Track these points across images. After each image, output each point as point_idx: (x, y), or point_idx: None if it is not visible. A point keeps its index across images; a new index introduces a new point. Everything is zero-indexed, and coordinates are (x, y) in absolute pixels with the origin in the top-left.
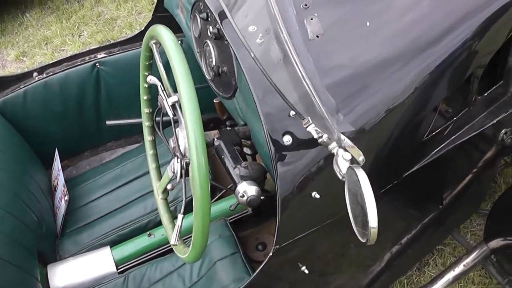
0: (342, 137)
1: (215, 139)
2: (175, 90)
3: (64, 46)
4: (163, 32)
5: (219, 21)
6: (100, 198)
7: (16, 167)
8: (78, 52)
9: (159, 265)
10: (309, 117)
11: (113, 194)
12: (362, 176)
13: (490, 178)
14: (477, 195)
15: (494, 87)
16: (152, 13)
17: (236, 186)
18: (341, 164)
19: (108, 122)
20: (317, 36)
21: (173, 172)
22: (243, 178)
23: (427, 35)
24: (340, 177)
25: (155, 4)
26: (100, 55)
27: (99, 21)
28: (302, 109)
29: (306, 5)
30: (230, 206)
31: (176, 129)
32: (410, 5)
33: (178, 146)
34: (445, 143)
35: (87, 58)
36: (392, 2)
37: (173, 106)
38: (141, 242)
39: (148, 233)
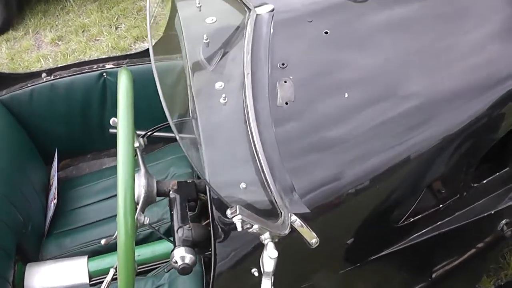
0: (294, 217)
1: (171, 191)
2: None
3: (100, 37)
4: (121, 79)
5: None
6: (90, 205)
7: (13, 163)
8: (87, 60)
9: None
10: (237, 207)
11: (103, 204)
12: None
13: (493, 257)
14: (476, 271)
15: (496, 174)
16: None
17: (174, 248)
18: (266, 260)
19: (111, 131)
20: (286, 103)
21: None
22: (184, 242)
23: (415, 115)
24: (262, 271)
25: None
26: (108, 65)
27: (139, 16)
28: (256, 184)
29: (283, 64)
30: None
31: (136, 174)
32: (398, 85)
33: None
34: (425, 230)
35: (95, 66)
36: (378, 78)
37: None
38: None
39: None
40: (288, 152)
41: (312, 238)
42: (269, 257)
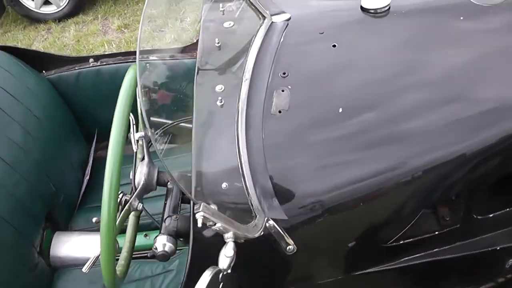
0: (271, 222)
1: (170, 182)
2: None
3: (164, 28)
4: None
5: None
6: (120, 186)
7: (53, 136)
8: (133, 51)
9: (142, 266)
10: (202, 204)
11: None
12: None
13: None
14: None
15: (507, 209)
16: None
17: (158, 235)
18: (222, 258)
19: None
20: (279, 112)
21: None
22: (168, 231)
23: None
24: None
25: None
26: (152, 57)
27: None
28: (237, 186)
29: (284, 73)
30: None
31: (140, 162)
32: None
33: (134, 178)
34: (419, 255)
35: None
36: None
37: (137, 141)
38: (137, 239)
39: (144, 233)
40: (274, 159)
41: (288, 245)
42: (225, 255)
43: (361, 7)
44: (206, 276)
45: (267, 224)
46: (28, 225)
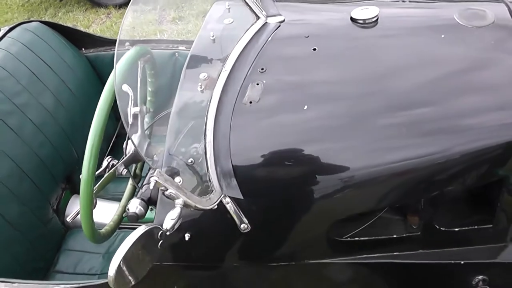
0: (228, 199)
1: (156, 155)
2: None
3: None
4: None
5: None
6: None
7: (83, 108)
8: (165, 39)
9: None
10: (157, 170)
11: None
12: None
13: None
14: None
15: (475, 227)
16: None
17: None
18: (166, 219)
19: None
20: (250, 102)
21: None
22: (141, 196)
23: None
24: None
25: None
26: (181, 47)
27: None
28: (201, 163)
29: (262, 69)
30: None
31: (132, 135)
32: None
33: (126, 148)
34: (377, 255)
35: (170, 45)
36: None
37: (134, 115)
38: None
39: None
40: (238, 145)
41: (243, 223)
42: (170, 218)
43: (351, 18)
44: (141, 229)
45: (223, 200)
46: (47, 183)
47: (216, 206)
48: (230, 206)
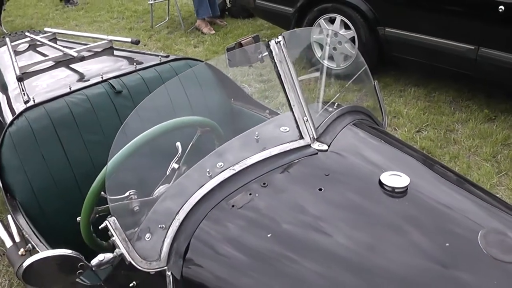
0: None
1: None
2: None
3: None
4: None
5: None
6: None
7: None
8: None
9: None
10: (113, 218)
11: None
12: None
13: None
14: None
15: None
16: None
17: None
18: (97, 257)
19: None
20: (233, 206)
21: None
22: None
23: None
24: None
25: None
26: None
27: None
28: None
29: (264, 184)
30: None
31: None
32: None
33: None
34: None
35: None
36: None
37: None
38: None
39: None
40: (201, 237)
41: None
42: (98, 259)
43: (379, 181)
44: (66, 251)
45: (167, 273)
46: None
47: (153, 272)
48: (169, 280)
